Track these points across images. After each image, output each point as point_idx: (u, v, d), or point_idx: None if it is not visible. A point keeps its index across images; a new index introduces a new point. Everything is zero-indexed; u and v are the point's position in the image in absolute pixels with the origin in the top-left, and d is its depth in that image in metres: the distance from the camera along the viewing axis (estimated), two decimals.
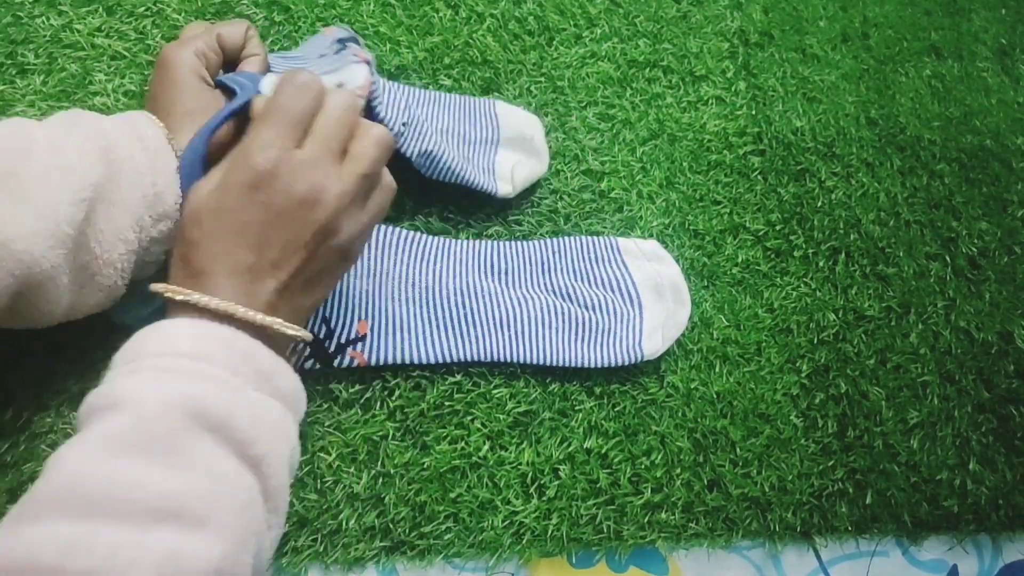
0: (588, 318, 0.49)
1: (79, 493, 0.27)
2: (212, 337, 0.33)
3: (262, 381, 0.34)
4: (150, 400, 0.30)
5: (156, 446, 0.29)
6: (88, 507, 0.27)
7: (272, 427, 0.33)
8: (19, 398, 0.43)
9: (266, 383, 0.34)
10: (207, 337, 0.33)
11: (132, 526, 0.27)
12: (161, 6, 0.56)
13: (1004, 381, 0.53)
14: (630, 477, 0.47)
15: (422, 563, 0.44)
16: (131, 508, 0.27)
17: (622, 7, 0.63)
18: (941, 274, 0.56)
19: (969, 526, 0.49)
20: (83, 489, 0.27)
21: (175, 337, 0.33)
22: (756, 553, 0.48)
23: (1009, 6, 0.71)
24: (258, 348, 0.34)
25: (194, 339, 0.33)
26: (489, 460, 0.46)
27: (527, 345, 0.47)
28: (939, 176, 0.61)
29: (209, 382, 0.32)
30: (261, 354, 0.34)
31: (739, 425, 0.49)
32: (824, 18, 0.67)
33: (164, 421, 0.29)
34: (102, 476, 0.28)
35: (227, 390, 0.32)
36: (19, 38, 0.53)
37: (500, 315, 0.48)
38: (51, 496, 0.27)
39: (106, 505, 0.27)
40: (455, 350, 0.47)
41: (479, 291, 0.49)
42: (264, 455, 0.32)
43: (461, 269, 0.50)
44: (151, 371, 0.31)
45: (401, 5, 0.59)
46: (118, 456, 0.28)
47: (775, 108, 0.61)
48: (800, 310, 0.53)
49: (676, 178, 0.57)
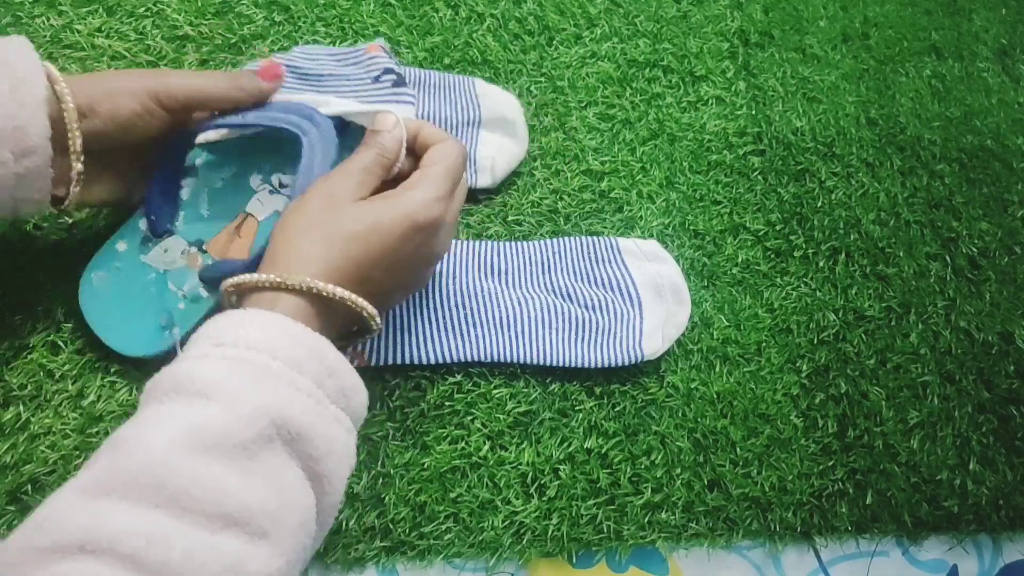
0: (588, 318, 0.49)
1: (164, 483, 0.27)
2: (304, 343, 0.33)
3: (340, 397, 0.34)
4: (244, 401, 0.30)
5: (239, 451, 0.29)
6: (171, 499, 0.27)
7: (341, 445, 0.34)
8: (19, 398, 0.43)
9: (343, 399, 0.34)
10: (300, 343, 0.33)
11: (206, 527, 0.28)
12: (161, 6, 0.56)
13: (1004, 381, 0.53)
14: (630, 477, 0.47)
15: (422, 563, 0.44)
16: (208, 509, 0.28)
17: (622, 7, 0.63)
18: (941, 274, 0.56)
19: (969, 526, 0.49)
20: (168, 480, 0.28)
21: (270, 334, 0.33)
22: (756, 553, 0.48)
23: (1009, 6, 0.71)
24: (342, 362, 0.35)
25: (289, 340, 0.33)
26: (489, 460, 0.46)
27: (527, 345, 0.47)
28: (939, 176, 0.61)
29: (299, 393, 0.32)
30: (344, 369, 0.35)
31: (739, 425, 0.49)
32: (824, 18, 0.67)
33: (253, 427, 0.30)
34: (188, 471, 0.28)
35: (312, 403, 0.32)
36: None
37: (500, 315, 0.48)
38: (133, 477, 0.28)
39: (187, 501, 0.27)
40: (455, 350, 0.47)
41: (479, 291, 0.49)
42: (329, 473, 0.33)
43: (461, 270, 0.50)
44: (246, 366, 0.31)
45: (401, 5, 0.59)
46: (204, 453, 0.29)
47: (775, 108, 0.61)
48: (800, 310, 0.53)
49: (676, 178, 0.57)
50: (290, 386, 0.32)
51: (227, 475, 0.29)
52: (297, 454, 0.32)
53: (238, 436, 0.29)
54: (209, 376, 0.30)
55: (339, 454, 0.33)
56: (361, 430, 0.45)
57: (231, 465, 0.29)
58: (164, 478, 0.28)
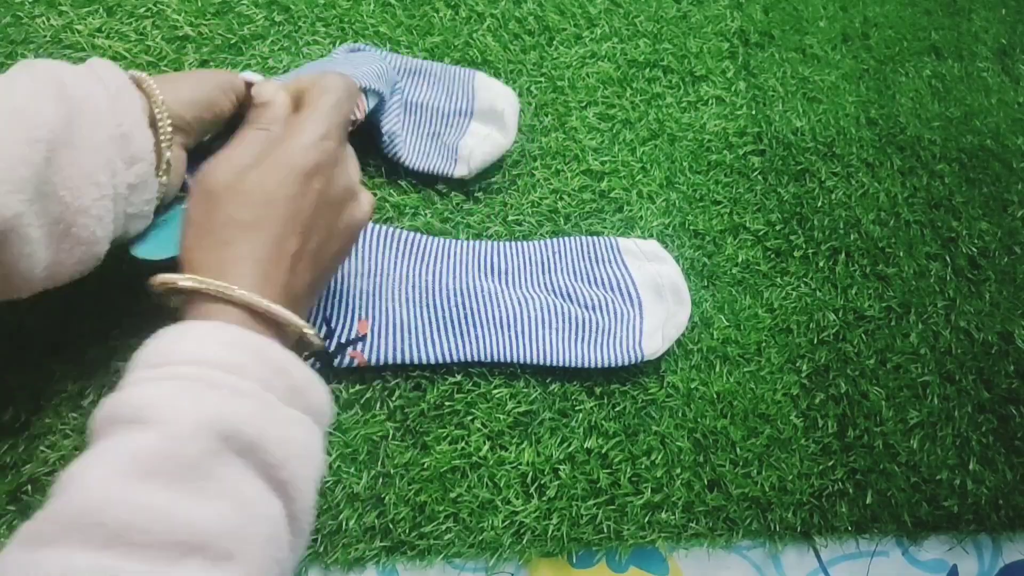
0: (588, 318, 0.49)
1: (102, 520, 0.25)
2: (245, 346, 0.31)
3: (295, 396, 0.32)
4: (182, 419, 0.28)
5: (185, 472, 0.27)
6: (111, 537, 0.25)
7: (302, 446, 0.32)
8: (19, 398, 0.43)
9: (298, 398, 0.33)
10: (240, 346, 0.31)
11: (156, 559, 0.26)
12: (161, 7, 0.56)
13: (1004, 381, 0.53)
14: (630, 477, 0.47)
15: (422, 563, 0.44)
16: (156, 540, 0.26)
17: (622, 7, 0.63)
18: (941, 274, 0.56)
19: (969, 526, 0.49)
20: (106, 516, 0.26)
21: (205, 344, 0.31)
22: (756, 553, 0.48)
23: (1009, 6, 0.71)
24: (290, 360, 0.33)
25: (227, 347, 0.31)
26: (489, 460, 0.46)
27: (527, 345, 0.47)
28: (939, 176, 0.61)
29: (243, 399, 0.30)
30: (294, 366, 0.33)
31: (739, 425, 0.49)
32: (824, 18, 0.67)
33: (195, 444, 0.28)
34: (127, 503, 0.26)
35: (260, 408, 0.30)
36: (19, 38, 0.53)
37: (500, 315, 0.48)
38: (72, 520, 0.26)
39: (131, 535, 0.25)
40: (455, 350, 0.47)
41: (479, 291, 0.49)
42: (292, 477, 0.31)
43: (461, 269, 0.50)
44: (181, 382, 0.30)
45: (401, 5, 0.59)
46: (145, 481, 0.27)
47: (775, 108, 0.61)
48: (800, 310, 0.53)
49: (676, 178, 0.57)
50: (233, 394, 0.30)
51: (176, 500, 0.27)
52: (254, 463, 0.29)
53: (181, 456, 0.27)
54: (143, 399, 0.29)
55: (301, 456, 0.31)
56: (361, 430, 0.45)
57: (180, 488, 0.27)
58: (105, 516, 0.25)
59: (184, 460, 0.27)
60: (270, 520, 0.30)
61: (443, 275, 0.49)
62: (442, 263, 0.50)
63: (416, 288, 0.48)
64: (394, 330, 0.47)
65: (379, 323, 0.47)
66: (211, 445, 0.28)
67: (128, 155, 0.36)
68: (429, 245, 0.50)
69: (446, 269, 0.49)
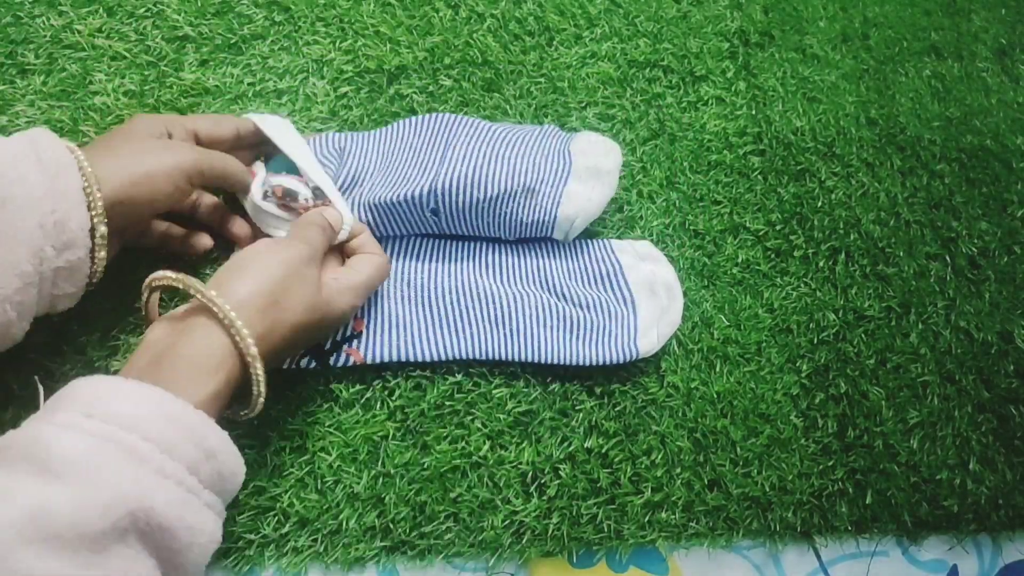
0: (583, 316, 0.49)
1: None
2: (183, 424, 0.31)
3: (216, 480, 0.32)
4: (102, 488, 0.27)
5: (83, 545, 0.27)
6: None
7: (208, 535, 0.32)
8: (19, 398, 0.43)
9: (218, 483, 0.33)
10: (178, 423, 0.31)
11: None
12: (161, 7, 0.56)
13: (1004, 381, 0.53)
14: (630, 476, 0.47)
15: (422, 563, 0.44)
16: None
17: (622, 7, 0.63)
18: (941, 274, 0.56)
19: (969, 526, 0.49)
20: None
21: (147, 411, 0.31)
22: (756, 553, 0.48)
23: (1009, 6, 0.71)
24: (223, 444, 0.33)
25: (166, 421, 0.31)
26: (489, 460, 0.46)
27: (523, 343, 0.47)
28: (939, 176, 0.61)
29: (166, 480, 0.30)
30: (225, 452, 0.33)
31: (739, 425, 0.49)
32: (824, 18, 0.67)
33: (107, 519, 0.27)
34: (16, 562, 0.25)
35: (180, 493, 0.30)
36: (19, 38, 0.53)
37: (495, 313, 0.48)
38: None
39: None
40: (451, 348, 0.47)
41: (474, 289, 0.49)
42: (186, 563, 0.30)
43: (456, 267, 0.50)
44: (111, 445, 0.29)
45: (401, 5, 0.59)
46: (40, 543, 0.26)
47: (775, 108, 0.61)
48: (800, 310, 0.53)
49: (676, 178, 0.57)
50: (158, 473, 0.29)
51: (63, 570, 0.26)
52: (154, 546, 0.29)
53: (87, 527, 0.27)
54: (67, 452, 0.28)
55: (203, 545, 0.31)
56: (361, 430, 0.45)
57: (71, 559, 0.26)
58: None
59: (89, 532, 0.27)
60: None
61: (438, 273, 0.49)
62: (437, 261, 0.50)
63: (412, 286, 0.48)
64: (390, 328, 0.47)
65: (375, 321, 0.47)
66: (120, 522, 0.28)
67: (61, 242, 0.35)
68: (424, 243, 0.50)
69: (441, 267, 0.49)
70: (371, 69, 0.56)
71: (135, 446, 0.29)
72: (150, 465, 0.29)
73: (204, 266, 0.48)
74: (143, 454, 0.29)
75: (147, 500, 0.28)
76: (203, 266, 0.48)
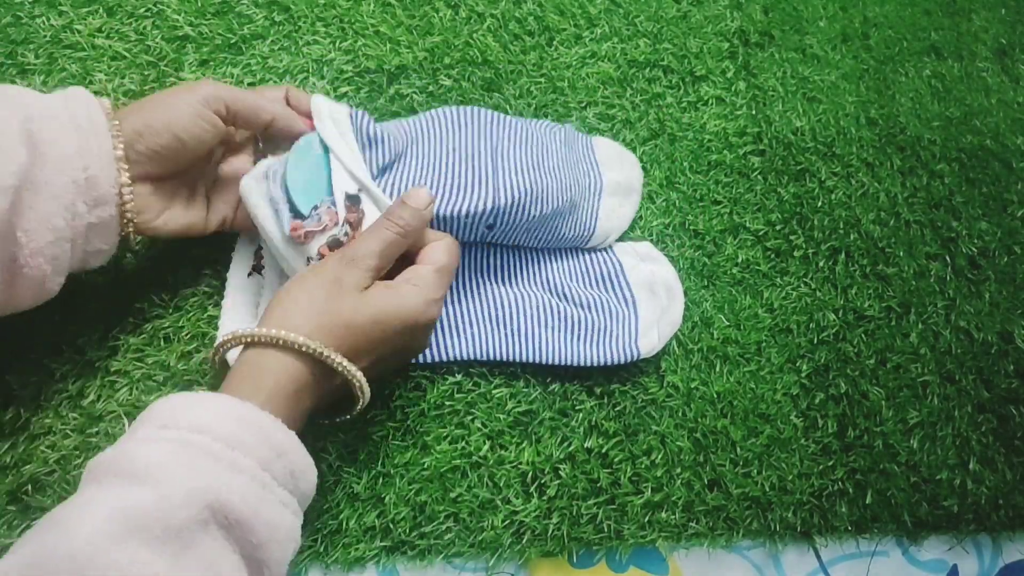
0: (584, 317, 0.49)
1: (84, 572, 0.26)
2: (252, 424, 0.33)
3: (289, 479, 0.33)
4: (178, 485, 0.29)
5: (170, 537, 0.28)
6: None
7: (286, 531, 0.33)
8: (19, 398, 0.43)
9: (291, 481, 0.34)
10: (247, 423, 0.32)
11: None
12: (161, 7, 0.56)
13: (1004, 381, 0.53)
14: (630, 476, 0.47)
15: (422, 563, 0.44)
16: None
17: (622, 7, 0.63)
18: (941, 274, 0.56)
19: (969, 526, 0.49)
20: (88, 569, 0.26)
21: (214, 415, 0.32)
22: (756, 553, 0.48)
23: (1009, 6, 0.71)
24: (292, 443, 0.34)
25: (234, 423, 0.32)
26: (489, 460, 0.46)
27: (524, 343, 0.47)
28: (939, 176, 0.61)
29: (240, 475, 0.31)
30: (294, 450, 0.34)
31: (739, 425, 0.49)
32: (824, 18, 0.67)
33: (185, 511, 0.29)
34: (110, 559, 0.27)
35: (255, 487, 0.31)
36: (19, 38, 0.53)
37: (496, 313, 0.48)
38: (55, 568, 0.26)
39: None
40: (452, 349, 0.47)
41: (475, 290, 0.49)
42: (269, 559, 0.32)
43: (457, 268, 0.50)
44: (185, 448, 0.30)
45: (401, 5, 0.59)
46: (130, 539, 0.27)
47: (775, 108, 0.61)
48: (800, 310, 0.53)
49: (676, 178, 0.57)
50: (231, 469, 0.31)
51: (154, 561, 0.27)
52: (236, 539, 0.30)
53: (169, 520, 0.28)
54: (146, 458, 0.30)
55: (281, 540, 0.32)
56: (361, 430, 0.45)
57: (161, 550, 0.28)
58: (84, 567, 0.26)
59: (171, 524, 0.28)
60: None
61: None
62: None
63: None
64: None
65: None
66: (200, 515, 0.29)
67: (92, 198, 0.36)
68: None
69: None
70: (371, 69, 0.56)
71: (208, 445, 0.31)
72: (223, 462, 0.31)
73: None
74: (216, 452, 0.31)
75: (223, 494, 0.30)
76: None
